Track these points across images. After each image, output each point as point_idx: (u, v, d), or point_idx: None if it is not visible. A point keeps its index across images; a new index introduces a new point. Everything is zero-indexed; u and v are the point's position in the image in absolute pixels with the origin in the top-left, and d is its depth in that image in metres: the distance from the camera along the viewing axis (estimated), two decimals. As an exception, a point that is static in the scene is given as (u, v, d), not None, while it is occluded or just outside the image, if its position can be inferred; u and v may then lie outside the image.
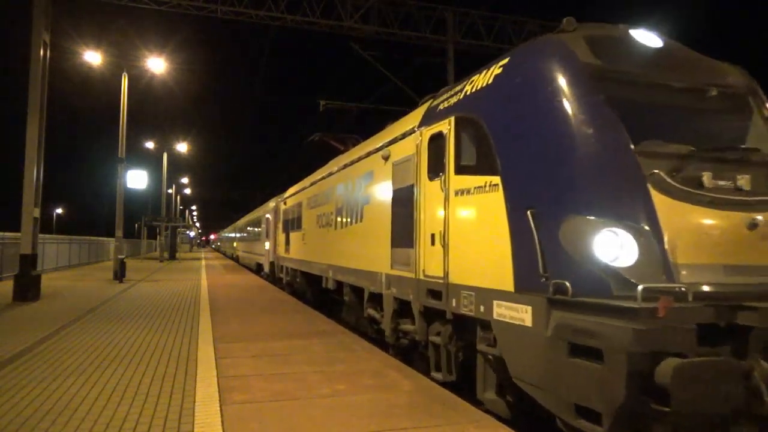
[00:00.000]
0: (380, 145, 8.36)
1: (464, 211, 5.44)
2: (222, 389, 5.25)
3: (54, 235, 26.92)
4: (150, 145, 37.80)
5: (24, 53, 13.48)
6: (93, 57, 19.81)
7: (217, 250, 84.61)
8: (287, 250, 16.99)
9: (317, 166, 14.79)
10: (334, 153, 13.71)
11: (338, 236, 10.60)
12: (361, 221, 9.02)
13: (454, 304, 5.49)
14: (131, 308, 11.61)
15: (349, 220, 9.83)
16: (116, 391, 5.19)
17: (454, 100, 6.06)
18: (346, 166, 10.43)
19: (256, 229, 27.66)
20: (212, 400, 4.90)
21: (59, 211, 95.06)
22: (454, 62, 20.84)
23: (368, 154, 8.94)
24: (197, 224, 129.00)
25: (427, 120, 6.60)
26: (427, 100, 7.32)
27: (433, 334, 6.21)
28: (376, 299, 8.15)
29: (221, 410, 4.59)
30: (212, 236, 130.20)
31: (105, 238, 35.19)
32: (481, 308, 4.96)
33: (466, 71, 6.91)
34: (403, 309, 7.20)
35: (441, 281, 5.76)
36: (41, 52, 13.41)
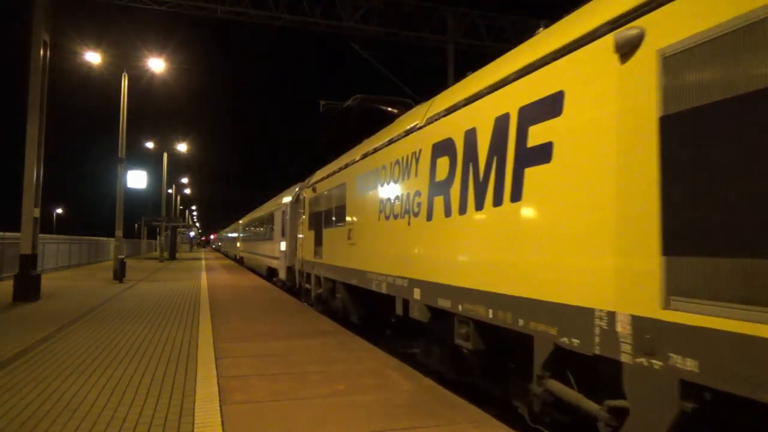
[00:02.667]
0: (600, 24, 3.87)
1: None
2: (222, 389, 5.25)
3: (54, 235, 26.92)
4: (150, 145, 37.86)
5: (24, 53, 13.50)
6: (93, 57, 19.84)
7: (217, 250, 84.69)
8: (318, 253, 12.65)
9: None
10: (359, 135, 10.54)
11: (443, 232, 6.02)
12: (516, 200, 4.61)
13: None
14: (131, 308, 11.61)
15: (473, 200, 5.34)
16: (116, 391, 5.19)
17: None
18: (455, 108, 5.90)
19: (266, 227, 23.73)
20: (212, 399, 4.90)
21: (59, 211, 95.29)
22: (454, 62, 20.87)
23: (543, 63, 4.44)
24: (197, 224, 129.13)
25: None
26: None
27: None
28: (575, 363, 4.13)
29: (221, 410, 4.59)
30: (212, 236, 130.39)
31: (105, 238, 35.20)
32: None
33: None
34: (706, 408, 3.13)
35: None
36: (41, 52, 13.41)
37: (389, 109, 10.80)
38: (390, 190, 7.83)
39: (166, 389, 5.29)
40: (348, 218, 10.12)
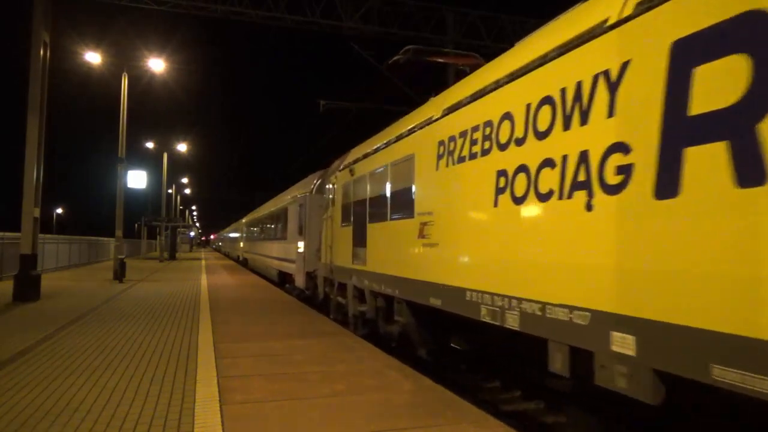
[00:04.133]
0: None
1: None
2: (222, 389, 5.25)
3: (54, 235, 26.92)
4: (150, 145, 37.86)
5: (24, 53, 13.51)
6: (93, 57, 19.83)
7: (217, 250, 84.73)
8: (358, 256, 9.63)
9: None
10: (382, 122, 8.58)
11: (722, 222, 2.77)
12: None
13: None
14: (131, 308, 11.60)
15: None
16: (116, 391, 5.18)
17: None
18: None
19: (277, 225, 20.21)
20: (212, 400, 4.89)
21: (59, 211, 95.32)
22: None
23: None
24: (197, 224, 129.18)
25: None
26: None
27: None
28: None
29: (221, 410, 4.58)
30: (212, 236, 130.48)
31: (105, 238, 35.20)
32: None
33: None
34: None
35: None
36: (41, 52, 13.41)
37: (454, 62, 8.07)
38: (524, 153, 4.72)
39: (166, 389, 5.28)
40: (419, 206, 7.12)
